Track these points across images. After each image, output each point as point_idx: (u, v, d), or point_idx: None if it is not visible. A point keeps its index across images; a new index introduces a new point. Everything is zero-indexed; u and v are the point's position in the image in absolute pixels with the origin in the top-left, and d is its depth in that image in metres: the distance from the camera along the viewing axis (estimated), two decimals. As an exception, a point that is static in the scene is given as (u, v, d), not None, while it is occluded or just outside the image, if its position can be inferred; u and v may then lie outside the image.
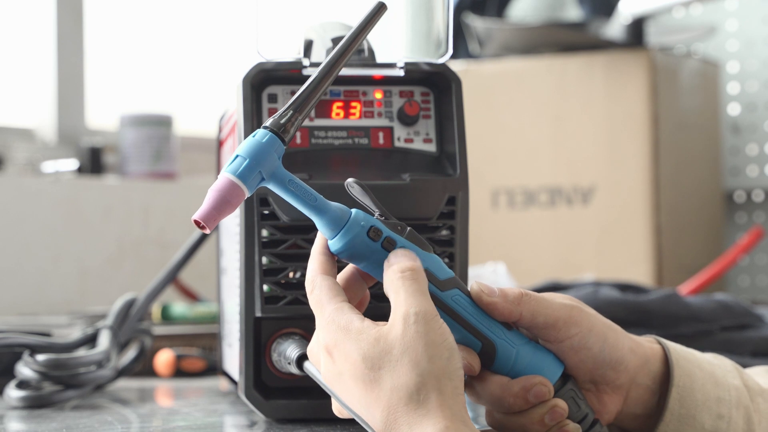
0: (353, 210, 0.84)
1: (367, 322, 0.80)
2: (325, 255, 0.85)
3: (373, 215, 0.84)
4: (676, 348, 0.89)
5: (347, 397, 0.80)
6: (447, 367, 0.78)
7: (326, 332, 0.81)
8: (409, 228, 0.84)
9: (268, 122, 0.83)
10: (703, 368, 0.88)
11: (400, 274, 0.81)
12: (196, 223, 0.80)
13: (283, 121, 0.83)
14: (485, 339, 0.83)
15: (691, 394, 0.87)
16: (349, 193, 0.86)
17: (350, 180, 0.86)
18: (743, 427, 0.88)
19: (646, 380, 0.87)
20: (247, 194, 0.81)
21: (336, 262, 0.85)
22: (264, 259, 0.96)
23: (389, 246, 0.83)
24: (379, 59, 1.02)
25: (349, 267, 0.86)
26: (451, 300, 0.83)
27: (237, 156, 0.81)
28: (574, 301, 0.86)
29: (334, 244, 0.83)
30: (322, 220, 0.83)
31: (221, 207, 0.80)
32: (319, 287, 0.83)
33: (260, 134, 0.82)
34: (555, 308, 0.84)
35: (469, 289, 0.84)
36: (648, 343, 0.88)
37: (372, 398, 0.78)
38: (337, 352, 0.80)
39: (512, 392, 0.83)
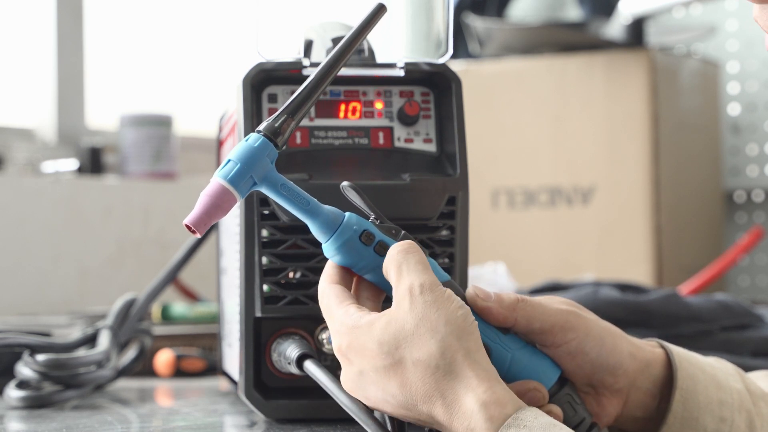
0: (346, 213, 0.83)
1: (374, 313, 0.79)
2: (336, 266, 0.84)
3: (368, 218, 0.84)
4: (678, 351, 0.89)
5: (375, 395, 0.79)
6: (464, 324, 0.77)
7: (338, 337, 0.80)
8: (403, 231, 0.84)
9: (261, 126, 0.83)
10: (706, 371, 0.88)
11: (399, 248, 0.81)
12: (188, 227, 0.80)
13: (276, 125, 0.83)
14: None
15: (693, 397, 0.87)
16: (345, 196, 0.86)
17: (345, 183, 0.86)
18: (745, 430, 0.87)
19: (646, 384, 0.87)
20: (239, 199, 0.81)
21: (349, 270, 0.84)
22: (264, 259, 0.96)
23: (381, 250, 0.83)
24: (379, 59, 1.02)
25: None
26: None
27: (229, 160, 0.81)
28: (571, 305, 0.86)
29: (327, 248, 0.83)
30: (314, 223, 0.83)
31: (212, 212, 0.80)
32: (327, 296, 0.82)
33: (253, 138, 0.82)
34: (551, 314, 0.84)
35: (465, 292, 0.84)
36: (650, 347, 0.88)
37: (398, 383, 0.77)
38: (352, 352, 0.79)
39: None
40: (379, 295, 0.85)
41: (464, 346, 0.77)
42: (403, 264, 0.80)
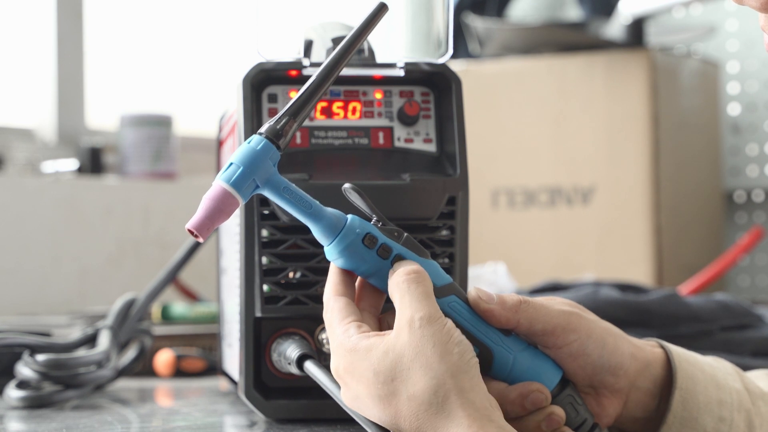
0: (349, 216, 0.83)
1: (374, 337, 0.79)
2: (340, 274, 0.84)
3: (370, 220, 0.84)
4: (678, 351, 0.89)
5: (372, 416, 0.79)
6: (459, 362, 0.77)
7: (337, 357, 0.81)
8: (405, 234, 0.84)
9: (263, 128, 0.82)
10: (705, 371, 0.88)
11: (405, 277, 0.81)
12: (190, 231, 0.79)
13: (278, 127, 0.82)
14: (482, 345, 0.83)
15: (693, 397, 0.87)
16: (347, 198, 0.85)
17: (347, 185, 0.85)
18: (744, 430, 0.88)
19: (646, 384, 0.87)
20: (241, 203, 0.80)
21: (352, 277, 0.84)
22: (264, 259, 0.96)
23: (384, 254, 0.82)
24: (379, 59, 1.02)
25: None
26: (447, 307, 0.82)
27: (231, 164, 0.81)
28: (573, 306, 0.86)
29: (330, 252, 0.83)
30: (317, 227, 0.82)
31: (214, 216, 0.80)
32: (330, 310, 0.82)
33: (255, 141, 0.81)
34: (553, 315, 0.84)
35: (467, 294, 0.84)
36: (649, 347, 0.88)
37: (392, 413, 0.78)
38: (349, 375, 0.80)
39: (509, 399, 0.82)
40: (380, 303, 0.85)
41: (458, 384, 0.76)
42: (406, 294, 0.80)
